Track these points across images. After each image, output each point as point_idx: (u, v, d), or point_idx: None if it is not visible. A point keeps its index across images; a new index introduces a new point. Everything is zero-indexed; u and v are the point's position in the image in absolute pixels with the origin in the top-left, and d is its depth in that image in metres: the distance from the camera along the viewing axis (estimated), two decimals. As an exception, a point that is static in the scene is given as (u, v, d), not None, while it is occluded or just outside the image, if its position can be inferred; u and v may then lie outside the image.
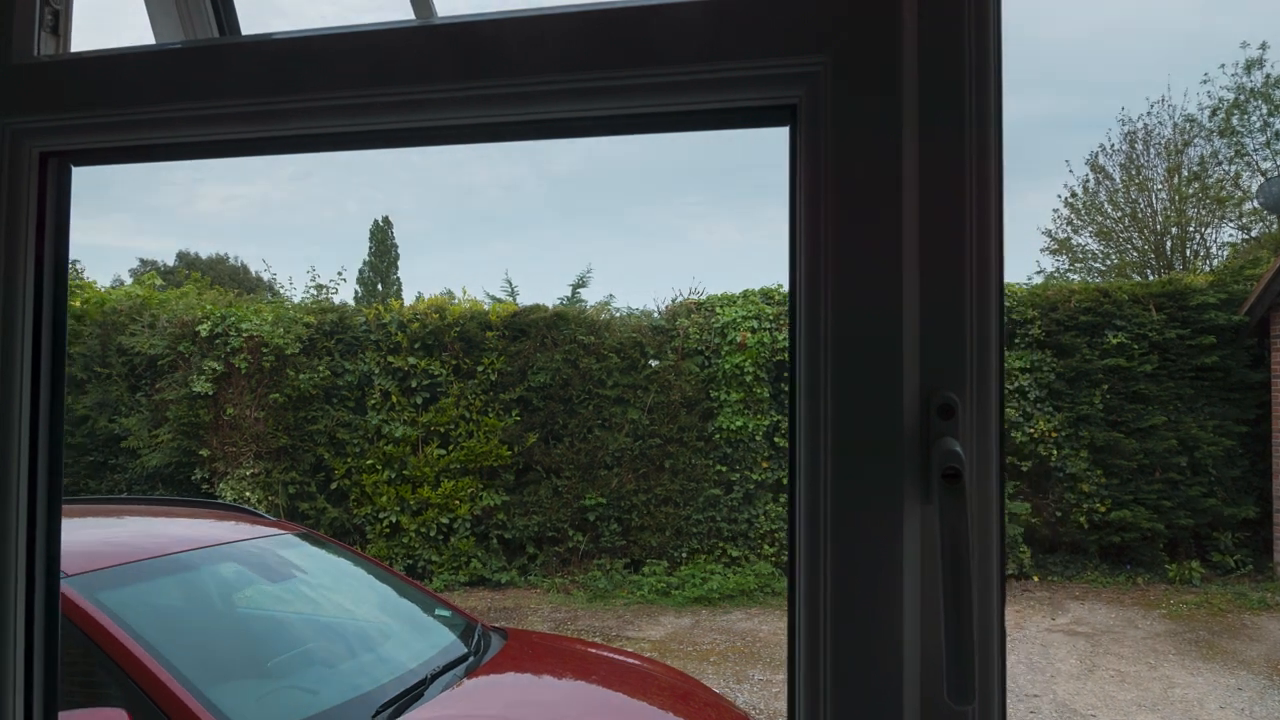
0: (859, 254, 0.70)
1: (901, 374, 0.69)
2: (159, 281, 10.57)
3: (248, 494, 9.20)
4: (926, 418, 0.70)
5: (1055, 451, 10.07)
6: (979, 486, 0.70)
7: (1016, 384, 10.15)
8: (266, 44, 1.00)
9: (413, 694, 3.26)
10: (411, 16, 0.94)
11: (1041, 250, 20.66)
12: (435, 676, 3.41)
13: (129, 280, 17.86)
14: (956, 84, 0.70)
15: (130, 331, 9.63)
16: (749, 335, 10.07)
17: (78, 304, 9.86)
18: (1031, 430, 10.10)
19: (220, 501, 7.86)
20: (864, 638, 0.69)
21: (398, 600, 4.19)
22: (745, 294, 10.62)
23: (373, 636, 3.79)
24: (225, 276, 22.15)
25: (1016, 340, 10.37)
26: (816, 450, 0.70)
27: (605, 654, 4.54)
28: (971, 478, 0.70)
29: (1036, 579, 10.13)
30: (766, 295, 10.52)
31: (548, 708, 3.55)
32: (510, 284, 12.61)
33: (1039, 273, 19.99)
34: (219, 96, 0.97)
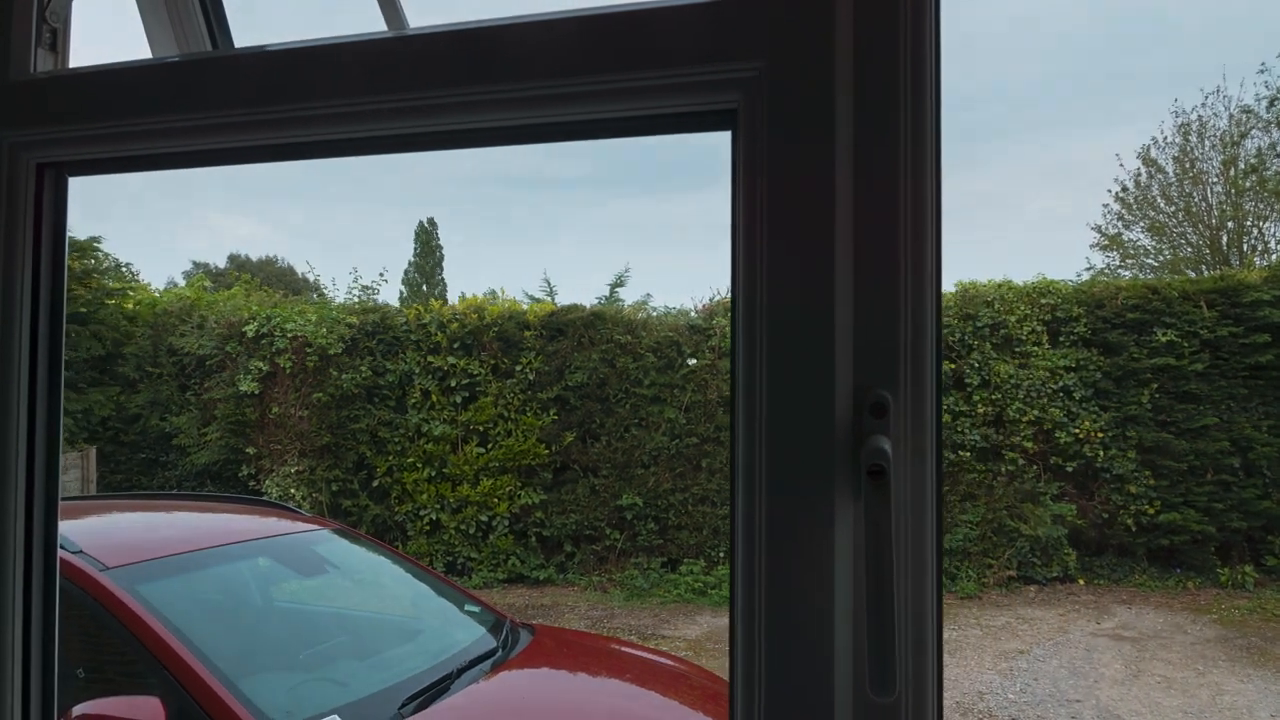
0: (792, 256, 0.71)
1: (834, 373, 0.70)
2: (208, 283, 10.85)
3: (292, 491, 9.41)
4: (859, 416, 0.71)
5: (1102, 452, 9.85)
6: (914, 483, 0.71)
7: (1061, 383, 9.96)
8: (259, 56, 1.04)
9: (439, 687, 3.31)
10: (384, 28, 0.98)
11: (1091, 246, 20.20)
12: (462, 671, 3.46)
13: (182, 282, 18.33)
14: (891, 91, 0.71)
15: (180, 332, 9.91)
16: (786, 334, 10.03)
17: (130, 306, 10.17)
18: (1077, 430, 9.90)
19: (257, 498, 8.04)
20: (796, 631, 0.70)
21: (429, 595, 4.26)
22: (783, 293, 10.57)
23: (403, 631, 3.86)
24: (274, 278, 22.65)
25: (1061, 339, 10.18)
26: (753, 449, 0.72)
27: (635, 652, 4.57)
28: (905, 474, 0.71)
29: (1082, 582, 9.93)
30: (804, 294, 10.47)
31: (572, 703, 3.59)
32: (549, 284, 12.70)
33: (1088, 269, 19.54)
34: (213, 107, 1.01)
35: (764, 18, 0.73)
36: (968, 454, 9.97)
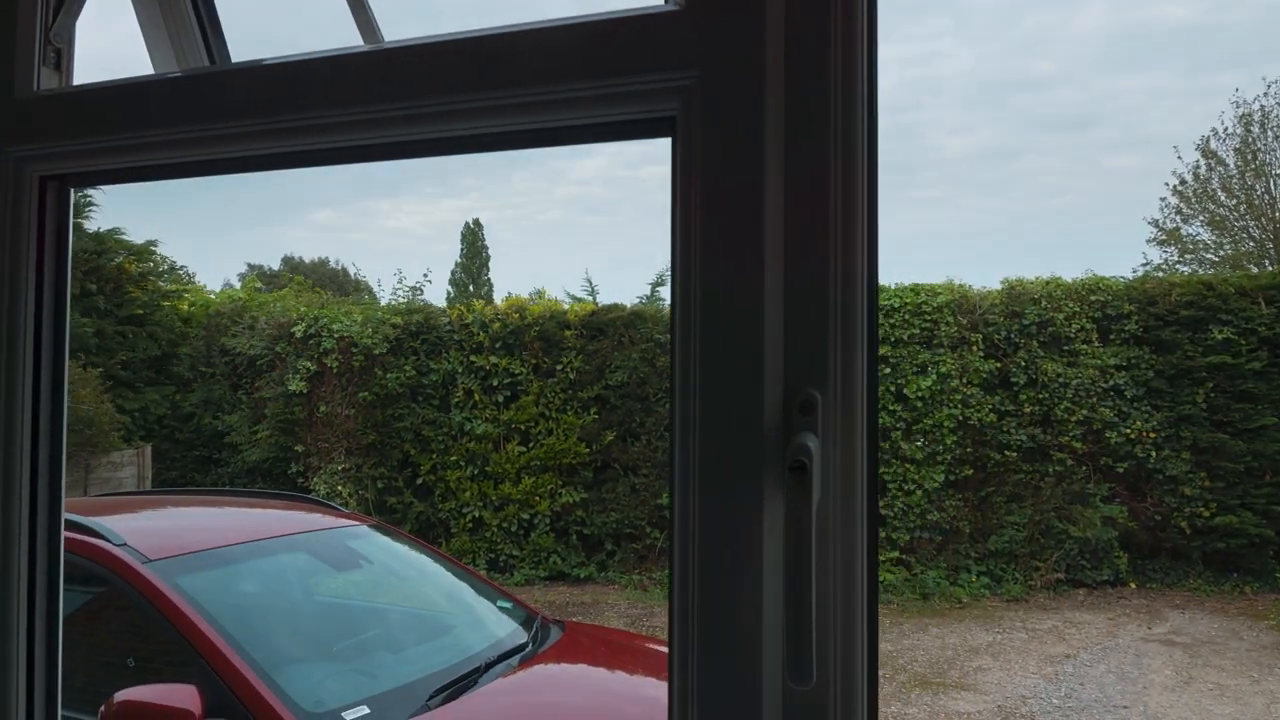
0: (723, 259, 0.73)
1: (764, 373, 0.72)
2: (259, 285, 11.12)
3: (339, 488, 9.62)
4: (789, 414, 0.73)
5: (1154, 453, 9.61)
6: (844, 478, 0.72)
7: (1112, 382, 9.73)
8: (253, 70, 1.09)
9: (468, 680, 3.38)
10: (361, 42, 1.02)
11: (1148, 242, 19.66)
12: (490, 665, 3.52)
13: (237, 284, 18.81)
14: (820, 98, 0.73)
15: (232, 333, 10.18)
16: (827, 333, 9.96)
17: (185, 307, 10.48)
18: (1128, 430, 9.66)
19: (295, 494, 8.23)
20: (727, 620, 0.72)
21: (462, 591, 4.34)
22: (824, 291, 10.51)
23: (435, 625, 3.94)
24: (326, 279, 23.14)
25: (1111, 337, 9.94)
26: (687, 446, 0.74)
27: (665, 649, 4.59)
28: (835, 470, 0.72)
29: (1134, 586, 9.69)
30: (846, 292, 10.39)
31: (600, 697, 3.63)
32: (590, 283, 12.78)
33: (1144, 264, 19.03)
34: (210, 119, 1.06)
35: (701, 29, 0.75)
36: (1014, 454, 9.80)
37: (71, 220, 1.05)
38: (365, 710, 3.01)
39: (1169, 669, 7.41)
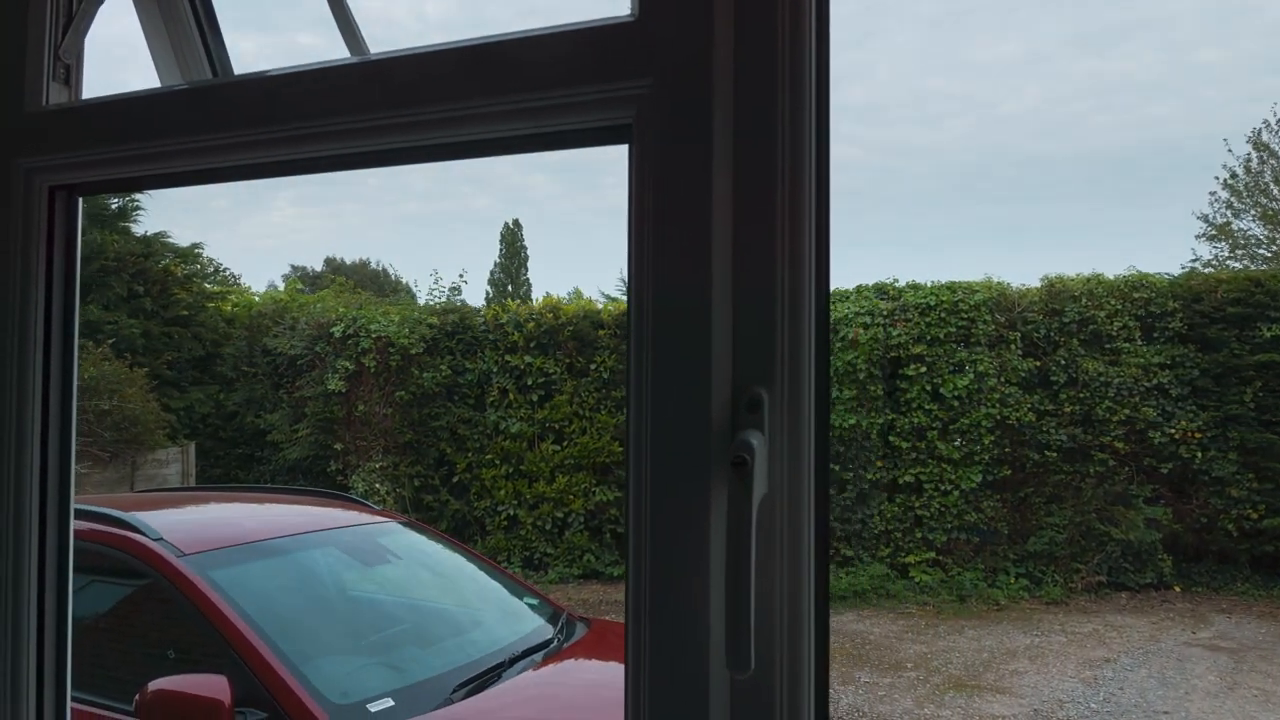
0: (674, 262, 0.76)
1: (711, 372, 0.74)
2: (299, 286, 11.34)
3: (377, 486, 9.77)
4: (736, 412, 0.75)
5: (1200, 453, 9.39)
6: (790, 473, 0.74)
7: (1155, 381, 9.52)
8: (252, 82, 1.14)
9: (492, 674, 3.43)
10: (348, 55, 1.06)
11: (1197, 237, 19.18)
12: (515, 660, 3.57)
13: (281, 285, 19.17)
14: (768, 104, 0.75)
15: (273, 333, 10.40)
16: (861, 331, 9.88)
17: (228, 308, 10.73)
18: (1172, 430, 9.46)
19: (329, 491, 8.38)
20: (676, 611, 0.75)
21: (489, 587, 4.40)
22: (858, 289, 10.43)
23: (461, 620, 4.01)
24: (367, 280, 23.49)
25: (1155, 335, 9.74)
26: (640, 444, 0.77)
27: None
28: (782, 465, 0.74)
29: (1178, 589, 9.49)
30: (880, 290, 10.29)
31: (620, 692, 3.65)
32: (624, 282, 12.82)
33: (1193, 260, 18.55)
34: (209, 130, 1.11)
35: (653, 40, 0.78)
36: (1054, 454, 9.64)
37: (80, 226, 1.10)
38: (390, 702, 3.07)
39: (1213, 674, 7.24)
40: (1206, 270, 14.24)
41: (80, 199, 1.11)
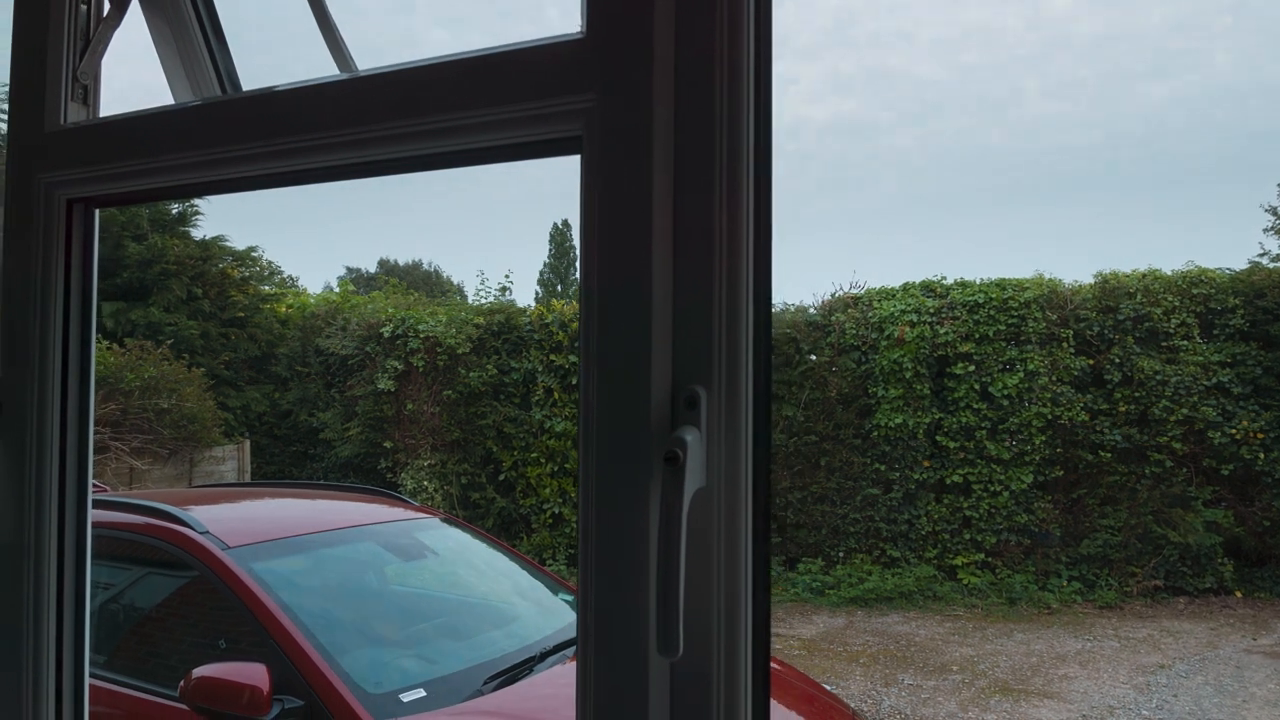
0: (617, 268, 0.80)
1: (650, 371, 0.78)
2: (351, 287, 11.60)
3: (425, 483, 9.96)
4: (676, 410, 0.78)
5: (1262, 454, 9.09)
6: (728, 468, 0.78)
7: (1215, 379, 9.24)
8: (259, 99, 1.21)
9: (524, 667, 3.50)
10: (336, 71, 1.12)
11: (1265, 230, 18.52)
12: (547, 654, 3.63)
13: (337, 287, 19.59)
14: (706, 116, 0.78)
15: (326, 334, 10.66)
16: (908, 330, 9.77)
17: (282, 310, 11.03)
18: (1233, 431, 9.17)
19: (372, 488, 8.56)
20: (618, 600, 0.79)
21: (526, 583, 4.48)
22: (905, 287, 10.31)
23: (496, 614, 4.09)
24: (420, 281, 23.90)
25: (1215, 332, 9.45)
26: (588, 441, 0.81)
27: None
28: (720, 461, 0.78)
29: (1240, 595, 9.19)
30: (928, 288, 10.16)
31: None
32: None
33: (1261, 255, 17.92)
34: (217, 144, 1.18)
35: (599, 56, 0.82)
36: (1108, 455, 9.41)
37: (96, 236, 1.18)
38: (422, 693, 3.15)
39: (1273, 682, 7.01)
40: (1273, 265, 13.74)
41: (96, 211, 1.19)
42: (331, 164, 1.11)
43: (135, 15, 1.23)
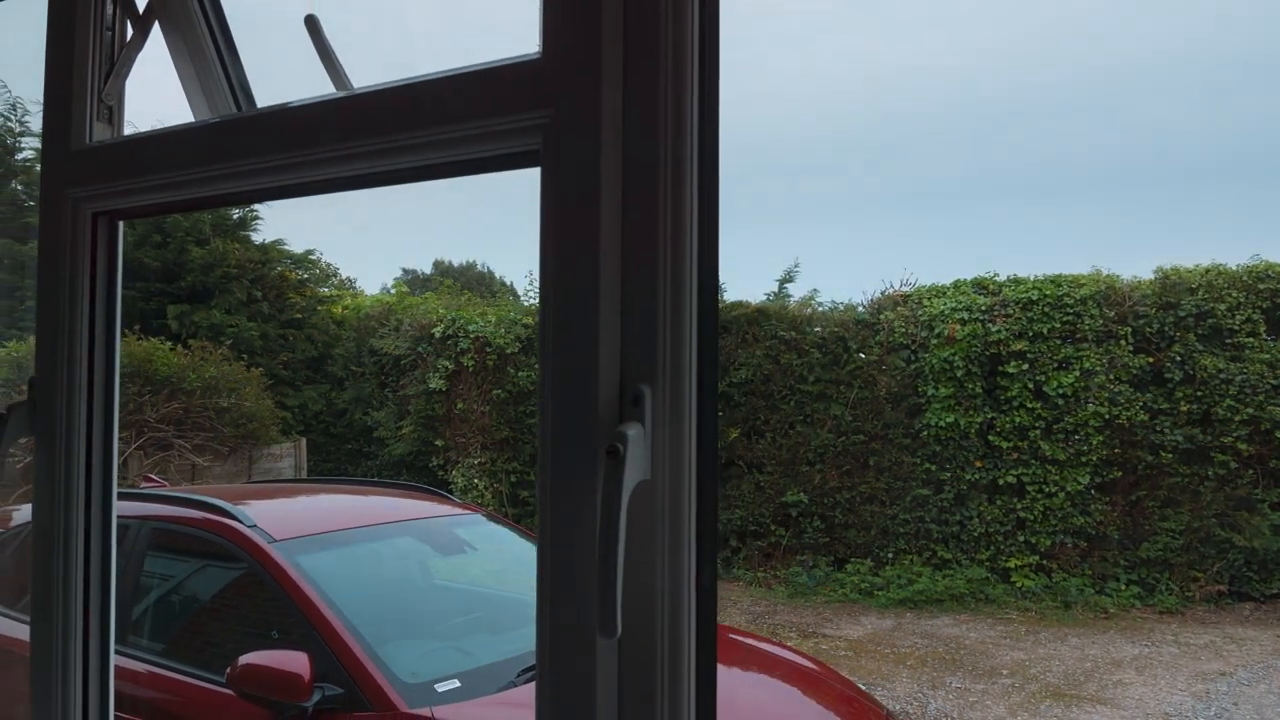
0: (570, 274, 0.85)
1: (598, 370, 0.83)
2: (404, 288, 11.85)
3: (475, 481, 10.13)
4: (622, 406, 0.83)
5: (1334, 456, 8.75)
6: (672, 464, 0.82)
7: (1283, 378, 8.92)
8: (267, 116, 1.29)
9: (557, 663, 3.57)
10: (332, 90, 1.19)
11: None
12: (581, 649, 3.70)
13: (392, 288, 19.99)
14: (651, 129, 0.83)
15: (379, 335, 10.92)
16: (958, 328, 9.62)
17: (338, 311, 11.32)
18: (1301, 430, 8.83)
19: (416, 484, 8.74)
20: (569, 585, 0.84)
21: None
22: (956, 284, 10.16)
23: (533, 609, 4.17)
24: (473, 282, 24.25)
25: (1282, 328, 9.12)
26: (544, 437, 0.86)
27: (763, 646, 4.64)
28: (664, 456, 0.82)
29: (1312, 601, 8.86)
30: (979, 285, 10.00)
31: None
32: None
33: (1338, 249, 17.16)
34: (231, 158, 1.26)
35: (555, 73, 0.87)
36: (1169, 456, 9.15)
37: (121, 247, 1.27)
38: (457, 684, 3.25)
39: (1342, 692, 6.75)
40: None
41: (120, 223, 1.28)
42: (329, 177, 1.18)
43: (155, 38, 1.32)
